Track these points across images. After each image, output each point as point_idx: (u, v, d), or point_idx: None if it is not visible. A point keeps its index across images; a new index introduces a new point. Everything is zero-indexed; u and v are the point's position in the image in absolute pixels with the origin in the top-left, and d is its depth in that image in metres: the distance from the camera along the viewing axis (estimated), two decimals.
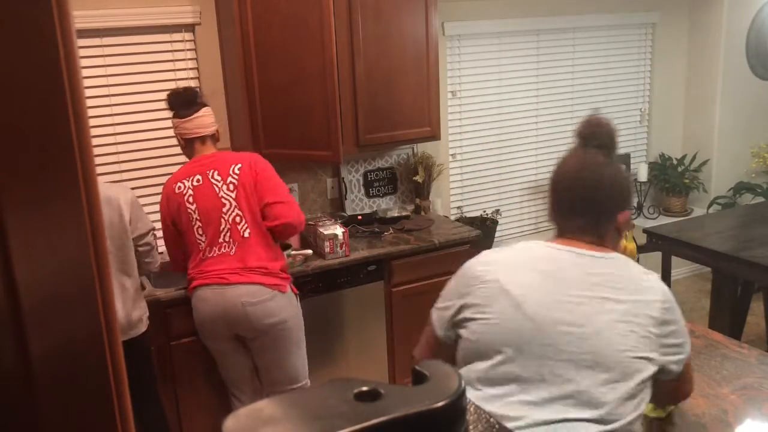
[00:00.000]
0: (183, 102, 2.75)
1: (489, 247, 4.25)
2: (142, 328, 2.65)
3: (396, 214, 3.75)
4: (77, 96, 0.45)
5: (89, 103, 3.06)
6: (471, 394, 1.37)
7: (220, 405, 2.97)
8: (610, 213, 1.47)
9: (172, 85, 3.34)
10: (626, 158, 4.58)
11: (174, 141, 3.39)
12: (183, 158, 3.44)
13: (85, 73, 3.08)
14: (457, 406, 0.50)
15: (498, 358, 1.38)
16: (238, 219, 2.64)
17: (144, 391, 2.73)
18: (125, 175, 3.31)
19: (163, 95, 3.33)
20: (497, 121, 4.34)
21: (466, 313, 1.46)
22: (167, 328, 2.88)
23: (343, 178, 3.79)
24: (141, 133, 3.33)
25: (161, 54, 3.30)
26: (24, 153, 0.43)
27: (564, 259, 1.44)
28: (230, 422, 0.45)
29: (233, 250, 2.62)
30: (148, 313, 2.71)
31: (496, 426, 1.12)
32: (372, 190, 3.92)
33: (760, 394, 1.82)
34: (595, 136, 1.49)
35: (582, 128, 1.51)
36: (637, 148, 4.95)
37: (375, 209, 3.91)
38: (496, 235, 4.30)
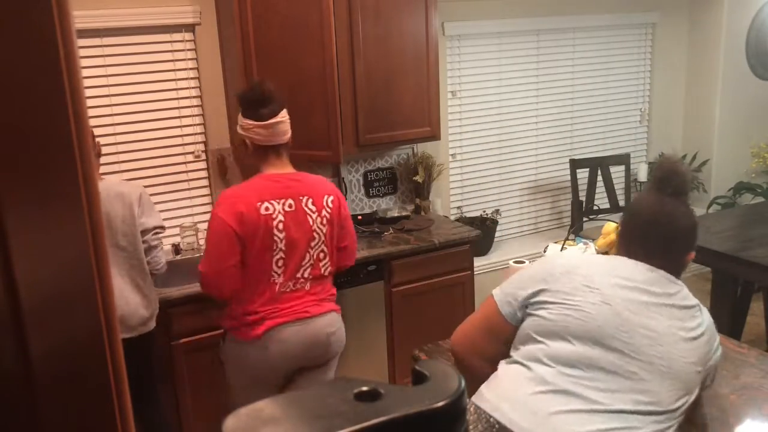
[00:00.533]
0: (261, 100, 2.33)
1: (489, 247, 4.26)
2: (152, 325, 2.65)
3: (396, 214, 3.75)
4: (77, 96, 0.45)
5: (89, 103, 3.06)
6: (540, 369, 1.46)
7: (220, 405, 2.97)
8: (683, 255, 1.59)
9: (173, 85, 3.34)
10: (626, 158, 4.58)
11: (175, 141, 3.40)
12: (182, 158, 3.44)
13: (85, 73, 3.09)
14: (457, 406, 0.50)
15: (577, 342, 1.46)
16: (322, 255, 2.40)
17: (146, 390, 2.73)
18: (125, 175, 3.31)
19: (163, 95, 3.34)
20: (497, 121, 4.34)
21: (547, 297, 1.52)
22: (167, 328, 2.88)
23: (343, 178, 3.80)
24: (141, 133, 3.33)
25: (161, 54, 3.30)
26: (24, 153, 0.43)
27: (644, 274, 1.54)
28: (230, 422, 0.45)
29: (308, 286, 2.39)
30: (157, 311, 2.71)
31: (496, 426, 1.12)
32: (372, 190, 3.92)
33: (760, 394, 1.82)
34: (671, 182, 1.56)
35: (659, 173, 1.59)
36: (637, 148, 4.95)
37: (375, 209, 3.91)
38: (496, 235, 4.31)
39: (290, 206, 2.31)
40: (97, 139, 2.69)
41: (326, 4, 2.99)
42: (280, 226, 2.28)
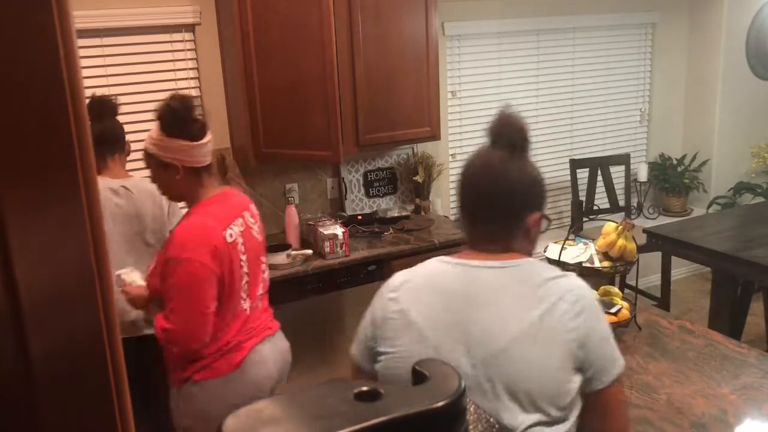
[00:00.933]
0: (188, 119, 2.00)
1: None
2: None
3: (396, 214, 3.75)
4: (77, 96, 0.45)
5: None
6: None
7: None
8: (516, 216, 1.34)
9: (173, 85, 3.34)
10: (626, 158, 4.59)
11: None
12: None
13: (85, 73, 3.09)
14: (457, 406, 0.50)
15: None
16: (264, 267, 2.27)
17: (155, 389, 2.72)
18: None
19: (163, 95, 3.33)
20: None
21: (380, 347, 1.38)
22: None
23: (343, 178, 3.80)
24: (141, 133, 3.32)
25: (161, 54, 3.30)
26: (24, 153, 0.43)
27: (467, 276, 1.32)
28: (230, 422, 0.45)
29: (262, 302, 2.26)
30: None
31: (496, 426, 1.12)
32: (372, 190, 3.92)
33: (760, 394, 1.82)
34: (502, 135, 1.38)
35: (491, 126, 1.40)
36: (637, 148, 4.95)
37: (375, 209, 3.91)
38: None
39: (241, 225, 2.12)
40: (127, 139, 2.67)
41: (326, 4, 2.99)
42: (242, 249, 2.08)
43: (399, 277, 1.42)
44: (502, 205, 1.34)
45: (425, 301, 1.33)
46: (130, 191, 2.52)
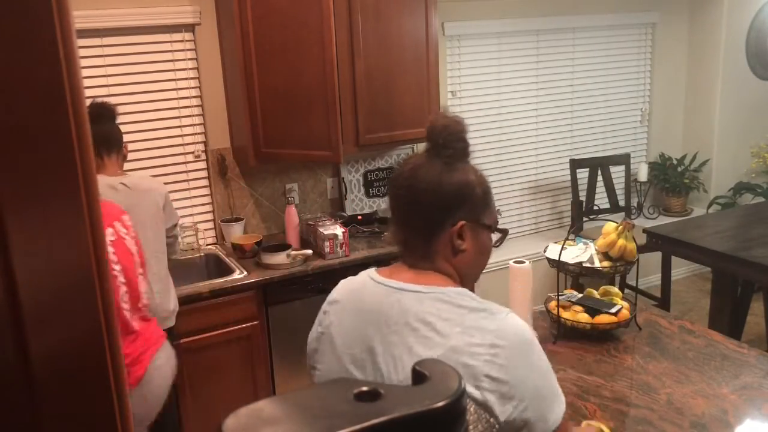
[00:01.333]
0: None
1: None
2: (173, 320, 2.68)
3: None
4: (77, 96, 0.45)
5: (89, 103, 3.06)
6: None
7: (220, 405, 2.97)
8: (436, 223, 1.21)
9: (173, 85, 3.34)
10: (626, 158, 4.59)
11: (175, 141, 3.41)
12: (182, 158, 3.44)
13: (85, 73, 3.09)
14: (457, 406, 0.50)
15: None
16: (140, 280, 2.37)
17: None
18: None
19: (163, 95, 3.34)
20: (497, 121, 4.34)
21: (312, 361, 1.33)
22: (168, 329, 2.88)
23: (343, 178, 3.80)
24: (141, 133, 3.33)
25: (161, 54, 3.30)
26: (24, 153, 0.43)
27: (387, 298, 1.21)
28: (230, 422, 0.45)
29: (147, 314, 2.39)
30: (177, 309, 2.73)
31: (496, 426, 1.11)
32: (372, 190, 3.92)
33: (760, 394, 1.82)
34: (437, 138, 1.23)
35: (427, 129, 1.25)
36: (637, 148, 4.95)
37: (375, 209, 3.91)
38: None
39: (112, 235, 2.23)
40: (125, 143, 2.72)
41: (326, 4, 2.99)
42: (114, 258, 2.22)
43: (336, 288, 1.34)
44: (420, 211, 1.21)
45: (345, 321, 1.25)
46: (129, 188, 2.55)
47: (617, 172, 4.58)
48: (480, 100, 4.25)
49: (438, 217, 1.21)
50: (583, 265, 2.26)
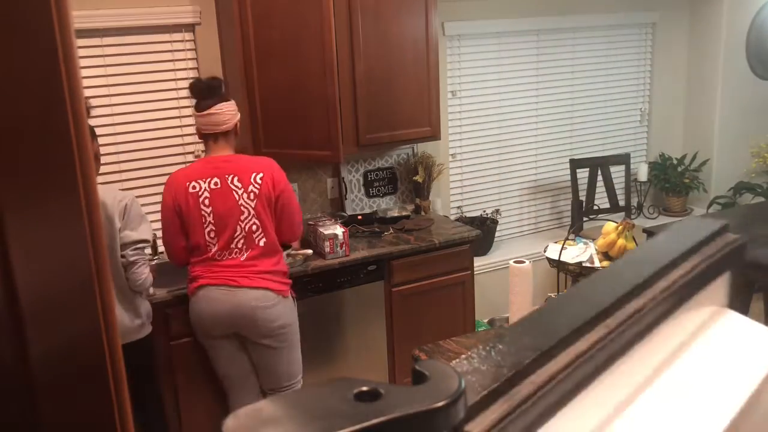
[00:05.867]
0: (201, 92, 2.67)
1: (489, 247, 4.26)
2: (144, 332, 2.64)
3: (396, 214, 3.75)
4: (76, 96, 0.45)
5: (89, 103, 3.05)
6: None
7: (220, 405, 2.97)
8: None
9: (172, 85, 3.34)
10: (626, 158, 4.59)
11: (175, 141, 3.41)
12: (182, 158, 3.44)
13: (85, 73, 3.09)
14: (457, 406, 0.50)
15: None
16: (254, 228, 2.66)
17: (147, 398, 2.71)
18: (125, 176, 3.31)
19: (163, 95, 3.34)
20: (497, 121, 4.34)
21: None
22: (167, 328, 2.88)
23: (343, 177, 3.80)
24: (141, 133, 3.33)
25: (161, 54, 3.30)
26: (24, 153, 0.43)
27: None
28: (230, 422, 0.45)
29: (244, 256, 2.65)
30: (150, 318, 2.70)
31: None
32: (372, 190, 3.92)
33: None
34: None
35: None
36: (637, 148, 4.95)
37: (375, 209, 3.91)
38: (496, 235, 4.31)
39: (216, 184, 2.62)
40: (94, 143, 2.58)
41: (326, 4, 2.99)
42: (206, 202, 2.61)
43: None
44: None
45: None
46: None
47: (617, 172, 4.58)
48: (480, 100, 4.25)
49: None
50: (583, 265, 2.25)
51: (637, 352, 0.70)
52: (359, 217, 3.67)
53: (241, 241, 2.64)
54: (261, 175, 2.67)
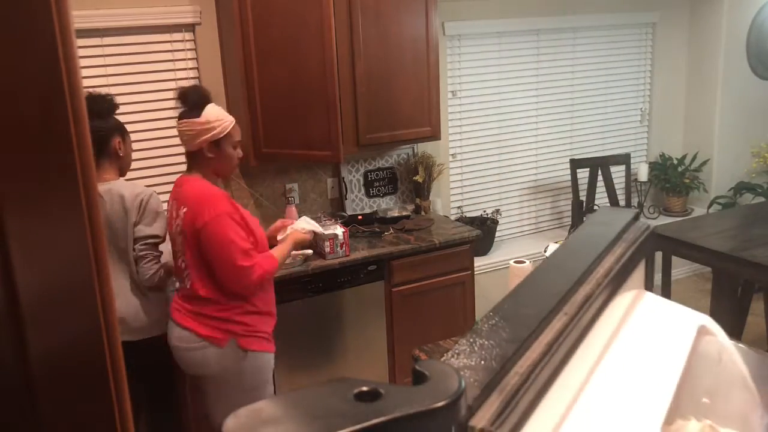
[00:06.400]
0: (180, 102, 2.40)
1: (489, 247, 4.26)
2: (159, 329, 2.57)
3: (396, 214, 3.75)
4: (76, 96, 0.45)
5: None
6: None
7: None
8: None
9: (172, 85, 3.34)
10: (626, 158, 4.58)
11: (175, 141, 3.41)
12: (181, 159, 3.44)
13: (85, 73, 3.09)
14: (457, 406, 0.50)
15: None
16: (183, 266, 2.40)
17: (157, 395, 2.69)
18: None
19: (163, 95, 3.34)
20: (497, 121, 4.34)
21: None
22: None
23: (343, 177, 3.80)
24: (141, 133, 3.33)
25: (161, 54, 3.30)
26: (24, 153, 0.43)
27: None
28: (230, 422, 0.45)
29: (185, 286, 2.43)
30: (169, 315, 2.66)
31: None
32: (372, 190, 3.92)
33: (760, 394, 1.82)
34: None
35: None
36: (637, 148, 4.95)
37: (375, 209, 3.91)
38: (497, 235, 4.31)
39: (173, 207, 2.42)
40: (115, 139, 2.60)
41: (326, 4, 2.99)
42: (171, 222, 2.45)
43: None
44: None
45: None
46: (102, 198, 2.42)
47: (617, 172, 4.58)
48: (480, 100, 4.25)
49: None
50: None
51: (591, 335, 0.74)
52: (359, 217, 3.67)
53: (185, 272, 2.40)
54: (185, 209, 2.32)
